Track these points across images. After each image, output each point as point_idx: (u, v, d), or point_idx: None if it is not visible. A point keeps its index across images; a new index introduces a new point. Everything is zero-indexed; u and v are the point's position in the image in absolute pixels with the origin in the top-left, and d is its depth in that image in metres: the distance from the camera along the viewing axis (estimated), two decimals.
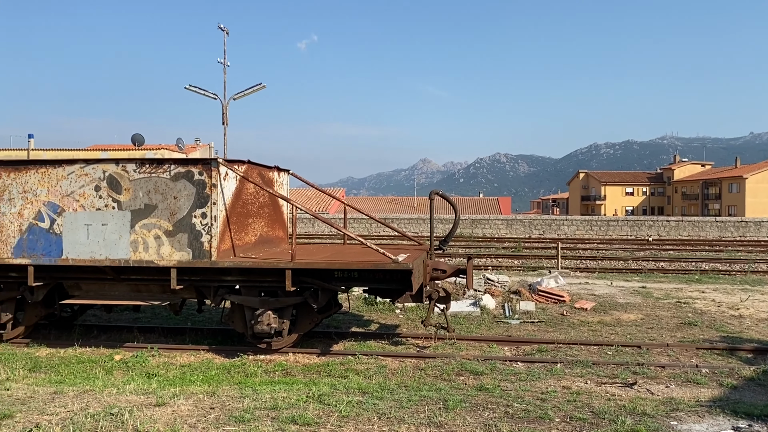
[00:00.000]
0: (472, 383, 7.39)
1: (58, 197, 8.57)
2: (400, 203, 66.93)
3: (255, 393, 6.54)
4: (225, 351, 9.06)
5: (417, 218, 40.93)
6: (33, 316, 9.48)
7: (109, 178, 8.48)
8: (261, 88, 30.40)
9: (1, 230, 8.70)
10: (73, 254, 8.54)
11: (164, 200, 8.37)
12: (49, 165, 8.62)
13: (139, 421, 5.47)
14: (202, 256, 8.30)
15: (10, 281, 9.17)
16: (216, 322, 11.03)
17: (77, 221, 8.52)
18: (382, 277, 8.39)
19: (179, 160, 8.36)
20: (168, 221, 8.36)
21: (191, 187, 8.32)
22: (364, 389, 6.74)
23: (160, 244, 8.39)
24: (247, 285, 8.68)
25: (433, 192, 9.42)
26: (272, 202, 10.30)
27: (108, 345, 9.34)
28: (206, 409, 5.94)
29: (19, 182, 8.66)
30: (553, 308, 12.28)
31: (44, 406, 6.04)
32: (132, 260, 8.41)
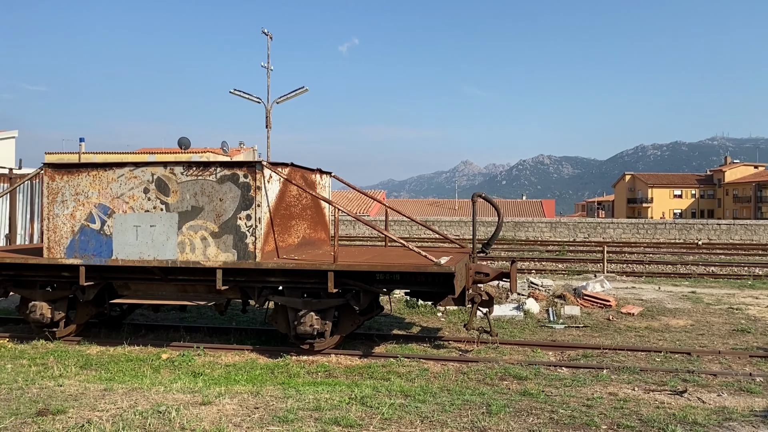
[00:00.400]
0: (515, 388, 7.29)
1: (109, 199, 8.81)
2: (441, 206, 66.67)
3: (298, 393, 6.59)
4: (269, 351, 9.16)
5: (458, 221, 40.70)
6: (84, 315, 9.76)
7: (157, 180, 8.68)
8: (303, 91, 30.72)
9: (54, 231, 8.99)
10: (122, 255, 8.76)
11: (210, 202, 8.52)
12: (99, 168, 8.87)
13: (185, 419, 5.57)
14: (247, 257, 8.42)
15: (62, 281, 9.46)
16: (260, 323, 11.17)
17: (126, 223, 8.75)
18: (424, 279, 8.36)
19: (225, 162, 8.51)
20: (214, 223, 8.51)
21: (236, 189, 8.45)
22: (407, 392, 6.72)
23: (207, 245, 8.54)
24: (290, 286, 8.76)
25: (476, 194, 9.34)
26: (315, 204, 10.39)
27: (155, 344, 9.55)
28: (251, 408, 6.01)
29: (72, 185, 8.93)
30: (598, 313, 12.03)
31: (95, 403, 6.21)
32: (179, 261, 8.59)
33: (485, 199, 9.53)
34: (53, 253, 9.00)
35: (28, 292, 9.65)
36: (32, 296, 9.57)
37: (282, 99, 30.72)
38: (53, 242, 8.99)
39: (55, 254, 8.99)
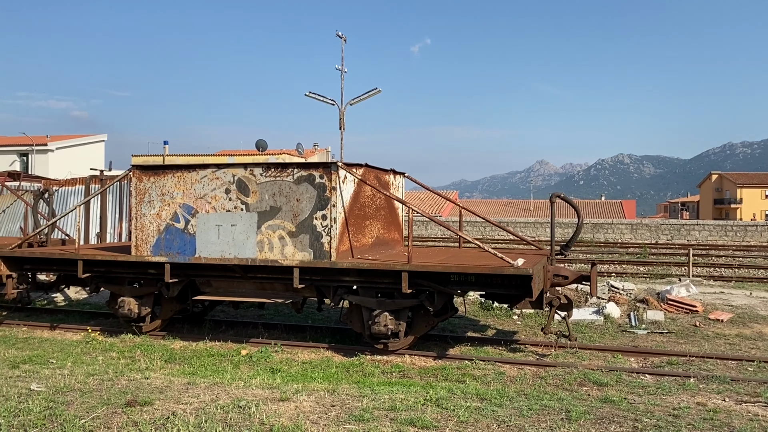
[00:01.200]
0: (595, 394, 7.05)
1: (192, 199, 9.15)
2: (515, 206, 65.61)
3: (373, 393, 6.61)
4: (344, 350, 9.26)
5: (534, 222, 39.89)
6: (168, 311, 10.17)
7: (238, 181, 8.94)
8: (376, 92, 30.93)
9: (141, 230, 9.41)
10: (205, 253, 9.07)
11: (288, 202, 8.70)
12: (184, 169, 9.22)
13: (264, 414, 5.70)
14: (323, 256, 8.53)
15: (149, 277, 9.89)
16: (334, 321, 11.31)
17: (209, 222, 9.05)
18: (500, 281, 8.22)
19: (302, 164, 8.66)
20: (291, 222, 8.68)
21: (313, 189, 8.59)
22: (482, 395, 6.62)
23: (284, 244, 8.72)
24: (365, 286, 8.82)
25: (554, 194, 9.11)
26: (388, 204, 10.42)
27: (235, 340, 9.84)
28: (327, 406, 6.08)
29: (158, 186, 9.33)
30: (684, 319, 11.48)
31: (179, 396, 6.44)
32: (258, 259, 8.81)
33: (564, 200, 9.28)
34: (140, 251, 9.42)
35: (117, 288, 10.15)
36: (121, 292, 10.06)
37: (355, 101, 31.04)
38: (140, 240, 9.42)
39: (142, 252, 9.42)
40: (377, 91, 30.81)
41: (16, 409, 5.97)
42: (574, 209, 9.22)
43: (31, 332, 10.70)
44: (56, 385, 6.89)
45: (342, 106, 30.70)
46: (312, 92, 31.21)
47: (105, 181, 14.70)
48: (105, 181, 14.68)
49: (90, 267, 9.90)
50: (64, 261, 10.07)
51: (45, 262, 10.40)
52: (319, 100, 31.22)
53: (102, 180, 14.74)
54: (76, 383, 6.98)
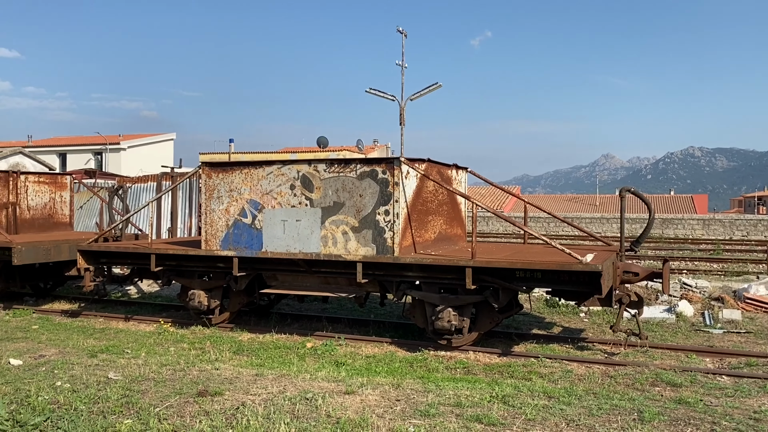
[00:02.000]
0: (669, 395, 6.80)
1: (259, 195, 9.34)
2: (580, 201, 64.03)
3: (438, 389, 6.59)
4: (407, 345, 9.26)
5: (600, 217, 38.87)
6: (236, 304, 10.43)
7: (302, 177, 9.06)
8: (437, 87, 30.78)
9: (211, 225, 9.68)
10: (271, 247, 9.25)
11: (351, 198, 8.76)
12: (251, 166, 9.42)
13: (330, 407, 5.77)
14: (385, 251, 8.56)
15: (218, 271, 10.17)
16: (397, 316, 11.33)
17: (275, 217, 9.22)
18: (568, 278, 8.03)
19: (364, 159, 8.71)
20: (354, 218, 8.74)
21: (375, 185, 8.62)
22: (550, 393, 6.48)
23: (347, 239, 8.79)
24: (428, 281, 8.79)
25: (624, 189, 8.83)
26: (451, 199, 10.34)
27: (300, 333, 10.00)
28: (392, 400, 6.10)
29: (226, 182, 9.57)
30: (763, 318, 10.93)
31: (248, 387, 6.60)
32: (322, 254, 8.92)
33: (635, 194, 8.98)
34: (210, 245, 9.69)
35: (187, 281, 10.48)
36: (191, 285, 10.38)
37: (415, 96, 30.98)
38: (210, 235, 9.69)
39: (212, 246, 9.69)
40: (438, 86, 30.66)
41: (95, 396, 6.25)
42: (645, 204, 8.91)
43: (107, 323, 11.18)
44: (132, 374, 7.18)
45: (402, 102, 30.70)
46: (373, 88, 31.35)
47: (175, 178, 15.22)
48: (175, 178, 15.21)
49: (162, 261, 10.26)
50: (138, 255, 10.47)
51: (120, 255, 10.84)
52: (380, 96, 31.33)
53: (173, 177, 15.27)
54: (150, 373, 7.25)
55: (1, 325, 10.98)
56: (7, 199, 13.14)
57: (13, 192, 13.22)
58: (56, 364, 7.81)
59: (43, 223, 13.83)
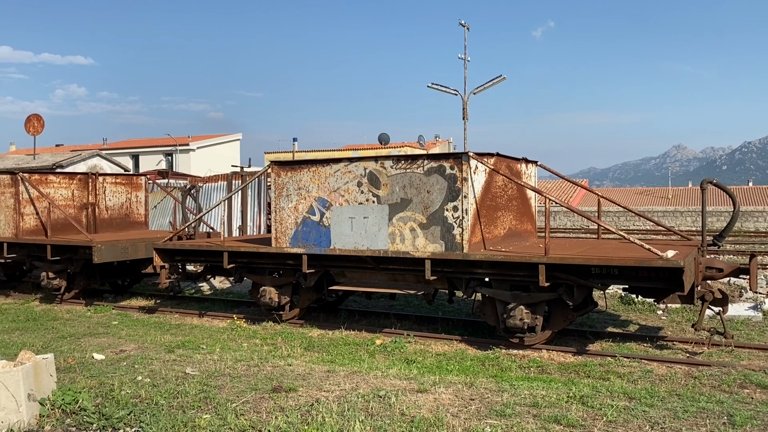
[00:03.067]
0: (760, 398, 6.42)
1: (327, 193, 9.39)
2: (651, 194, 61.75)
3: (512, 388, 6.44)
4: (477, 342, 9.12)
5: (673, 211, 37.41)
6: (306, 300, 10.54)
7: (369, 174, 9.05)
8: (501, 80, 30.29)
9: (280, 222, 9.81)
10: (339, 245, 9.29)
11: (418, 194, 8.69)
12: (318, 164, 9.49)
13: (404, 405, 5.72)
14: (454, 248, 8.44)
15: (287, 268, 10.30)
16: (465, 314, 11.19)
17: (342, 214, 9.25)
18: (647, 275, 7.70)
19: (432, 155, 8.61)
20: (422, 214, 8.66)
21: (443, 181, 8.51)
22: (630, 394, 6.23)
23: (415, 236, 8.73)
24: (498, 278, 8.62)
25: (706, 180, 8.41)
26: (520, 194, 10.12)
27: (369, 330, 10.00)
28: (466, 399, 6.00)
29: (295, 180, 9.67)
30: None
31: (321, 383, 6.63)
32: (390, 251, 8.89)
33: (717, 186, 8.54)
34: (280, 242, 9.83)
35: (258, 278, 10.67)
36: (262, 282, 10.56)
37: (479, 89, 30.58)
38: (279, 233, 9.82)
39: (282, 244, 9.82)
40: (502, 79, 30.17)
41: (174, 390, 6.42)
42: (729, 196, 8.46)
43: (182, 319, 11.51)
44: (208, 369, 7.35)
45: (465, 96, 30.37)
46: (434, 83, 31.13)
47: (245, 177, 15.56)
48: (245, 177, 15.55)
49: (234, 258, 10.48)
50: (211, 252, 10.73)
51: (194, 253, 11.14)
52: (442, 91, 31.08)
53: (242, 176, 15.62)
54: (226, 368, 7.40)
55: (84, 320, 11.48)
56: (87, 200, 13.73)
57: (92, 193, 13.80)
58: (136, 359, 8.09)
59: (120, 223, 14.38)
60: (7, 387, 5.62)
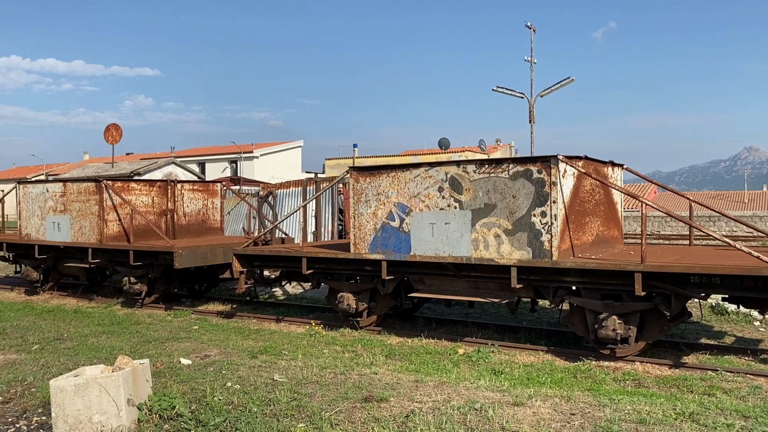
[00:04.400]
0: None
1: (406, 198, 9.26)
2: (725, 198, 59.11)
3: (612, 402, 6.12)
4: (564, 353, 8.79)
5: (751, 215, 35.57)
6: (384, 307, 10.43)
7: (450, 179, 8.87)
8: (569, 82, 29.58)
9: (359, 228, 9.74)
10: (419, 251, 9.14)
11: (503, 199, 8.45)
12: (398, 169, 9.37)
13: (503, 419, 5.50)
14: (542, 255, 8.16)
15: (365, 274, 10.22)
16: (546, 323, 10.85)
17: (423, 220, 9.10)
18: (753, 284, 7.22)
19: (518, 159, 8.36)
20: (507, 220, 8.41)
21: (530, 185, 8.25)
22: (743, 412, 5.81)
23: (500, 242, 8.48)
24: (588, 287, 8.28)
25: None
26: (607, 199, 9.73)
27: (448, 338, 9.80)
28: (566, 414, 5.73)
29: (374, 185, 9.58)
30: None
31: (411, 393, 6.48)
32: (473, 258, 8.67)
33: None
34: (358, 248, 9.75)
35: (336, 284, 10.63)
36: (340, 288, 10.51)
37: (546, 92, 29.95)
38: (358, 239, 9.75)
39: (360, 250, 9.74)
40: (570, 80, 29.45)
41: (266, 398, 6.39)
42: None
43: (260, 324, 11.59)
44: (295, 376, 7.31)
45: (532, 99, 29.80)
46: (499, 86, 30.68)
47: (319, 183, 15.65)
48: (319, 184, 15.64)
49: (312, 264, 10.47)
50: (289, 258, 10.76)
51: (272, 259, 11.21)
52: (507, 94, 30.60)
53: (316, 182, 15.71)
54: (312, 375, 7.34)
55: (165, 324, 11.72)
56: (166, 207, 14.06)
57: (171, 199, 14.13)
58: (222, 364, 8.14)
59: (197, 229, 14.67)
60: (108, 391, 5.71)
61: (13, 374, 7.77)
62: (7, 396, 6.88)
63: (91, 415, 5.68)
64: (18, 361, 8.67)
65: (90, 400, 5.68)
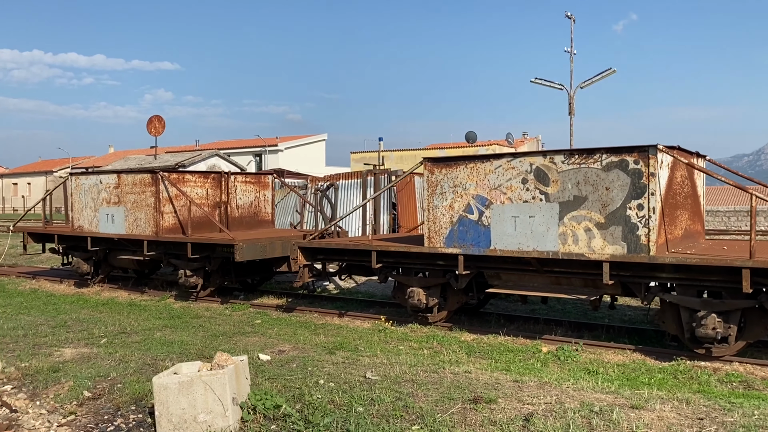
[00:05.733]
0: None
1: (486, 190, 8.93)
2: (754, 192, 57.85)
3: (733, 405, 5.77)
4: (654, 353, 8.42)
5: None
6: (455, 302, 10.13)
7: (536, 170, 8.53)
8: (611, 73, 28.98)
9: (434, 222, 9.43)
10: (500, 245, 8.81)
11: (595, 191, 8.09)
12: (477, 160, 9.05)
13: (631, 424, 5.18)
14: (638, 250, 7.79)
15: (436, 269, 9.91)
16: (626, 320, 10.48)
17: (504, 213, 8.77)
18: None
19: (612, 149, 7.99)
20: (599, 213, 8.05)
21: (625, 177, 7.88)
22: None
23: (591, 236, 8.13)
24: (685, 283, 7.90)
25: None
26: (693, 192, 9.32)
27: (524, 335, 9.46)
28: (692, 418, 5.39)
29: (450, 177, 9.26)
30: None
31: (516, 394, 6.17)
32: (561, 253, 8.33)
33: None
34: (433, 242, 9.45)
35: (405, 278, 10.34)
36: (409, 283, 10.22)
37: (586, 83, 29.39)
38: (432, 232, 9.45)
39: (435, 244, 9.43)
40: (611, 72, 28.84)
41: (367, 397, 6.13)
42: None
43: (323, 318, 11.34)
44: (387, 374, 7.03)
45: (572, 90, 29.25)
46: (537, 78, 30.15)
47: (377, 176, 15.38)
48: (377, 176, 15.37)
49: (381, 258, 10.19)
50: (356, 252, 10.49)
51: (338, 252, 10.95)
52: (546, 86, 30.08)
53: (375, 174, 15.45)
54: (404, 374, 7.06)
55: (225, 318, 11.51)
56: (220, 199, 13.86)
57: (225, 192, 13.92)
58: (304, 360, 7.89)
59: (249, 221, 14.46)
60: (214, 390, 5.47)
61: (94, 369, 7.59)
62: (95, 392, 6.69)
63: (195, 414, 5.45)
64: (91, 354, 8.50)
65: (195, 398, 5.45)
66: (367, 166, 16.35)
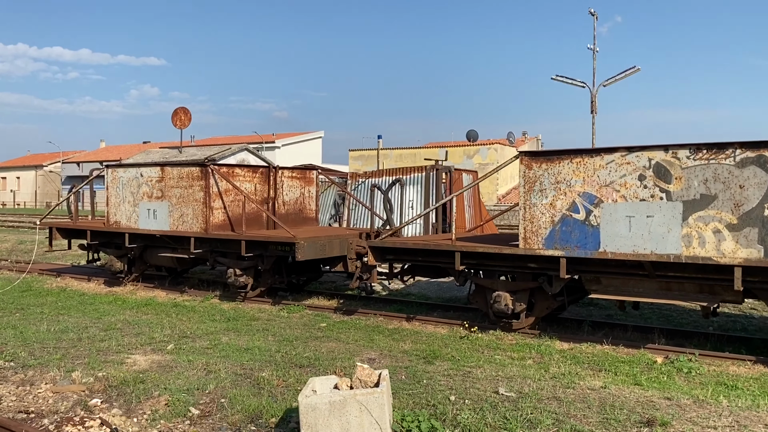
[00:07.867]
0: None
1: (595, 188, 8.26)
2: None
3: None
4: None
5: None
6: (544, 308, 9.45)
7: (655, 166, 7.86)
8: (635, 71, 28.49)
9: (531, 221, 8.75)
10: (611, 247, 8.14)
11: (726, 190, 7.44)
12: (584, 154, 8.37)
13: None
14: None
15: (526, 272, 9.23)
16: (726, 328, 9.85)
17: (617, 213, 8.10)
18: None
19: (748, 143, 7.35)
20: (731, 213, 7.41)
21: (763, 174, 7.23)
22: None
23: (720, 239, 7.48)
24: None
25: None
26: None
27: (627, 344, 8.77)
28: None
29: (551, 173, 8.58)
30: None
31: (681, 414, 5.52)
32: (684, 256, 7.67)
33: None
34: (530, 243, 8.76)
35: (488, 281, 9.65)
36: (493, 286, 9.53)
37: (609, 81, 28.89)
38: (530, 232, 8.76)
39: (532, 245, 8.74)
40: (636, 70, 28.36)
41: (523, 418, 5.44)
42: None
43: (390, 323, 10.59)
44: (522, 390, 6.34)
45: (594, 89, 28.73)
46: (558, 75, 29.62)
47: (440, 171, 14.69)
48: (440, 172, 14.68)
49: (465, 259, 9.48)
50: (438, 252, 9.76)
51: (410, 252, 10.21)
52: (568, 83, 29.55)
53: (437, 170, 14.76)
54: (540, 390, 6.38)
55: (284, 320, 10.73)
56: (268, 194, 13.09)
57: (273, 187, 13.15)
58: (411, 372, 7.17)
59: (295, 218, 13.69)
60: (371, 412, 4.74)
61: (182, 380, 6.82)
62: (203, 409, 5.92)
63: None
64: (167, 362, 7.73)
65: (348, 421, 4.71)
66: (363, 163, 15.56)
